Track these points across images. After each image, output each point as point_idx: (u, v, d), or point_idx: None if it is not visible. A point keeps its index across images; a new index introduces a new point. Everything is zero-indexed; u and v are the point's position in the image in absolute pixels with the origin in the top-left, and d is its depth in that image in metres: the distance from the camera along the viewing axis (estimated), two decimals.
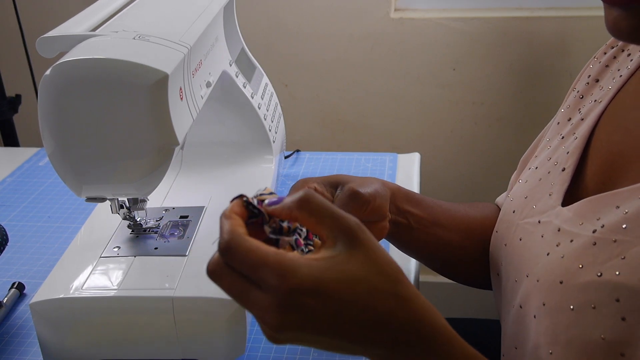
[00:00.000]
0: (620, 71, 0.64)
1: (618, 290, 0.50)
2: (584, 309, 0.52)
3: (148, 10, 0.72)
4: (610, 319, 0.50)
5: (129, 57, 0.57)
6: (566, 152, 0.64)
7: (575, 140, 0.64)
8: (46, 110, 0.58)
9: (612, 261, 0.51)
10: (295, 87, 1.67)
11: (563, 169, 0.63)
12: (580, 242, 0.55)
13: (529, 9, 1.55)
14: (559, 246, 0.58)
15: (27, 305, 0.78)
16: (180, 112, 0.62)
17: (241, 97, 0.89)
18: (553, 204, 0.61)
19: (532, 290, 0.59)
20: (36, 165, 1.13)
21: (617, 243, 0.52)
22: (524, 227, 0.64)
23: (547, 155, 0.67)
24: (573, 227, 0.57)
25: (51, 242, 0.92)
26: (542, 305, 0.56)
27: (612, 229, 0.53)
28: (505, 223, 0.68)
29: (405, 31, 1.57)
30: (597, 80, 0.68)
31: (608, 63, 0.67)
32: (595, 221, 0.55)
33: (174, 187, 0.88)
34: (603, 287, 0.51)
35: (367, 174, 1.07)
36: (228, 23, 0.88)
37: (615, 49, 0.67)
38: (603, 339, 0.50)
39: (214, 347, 0.68)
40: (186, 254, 0.72)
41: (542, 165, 0.67)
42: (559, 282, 0.55)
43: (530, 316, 0.58)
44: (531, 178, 0.68)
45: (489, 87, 1.61)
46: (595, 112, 0.63)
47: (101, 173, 0.62)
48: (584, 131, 0.63)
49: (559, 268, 0.56)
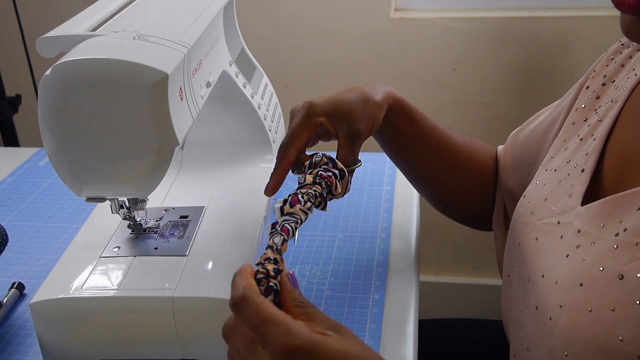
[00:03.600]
0: (635, 70, 0.64)
1: (638, 291, 0.50)
2: (602, 310, 0.52)
3: (148, 10, 0.72)
4: (629, 321, 0.50)
5: (129, 57, 0.57)
6: (585, 154, 0.64)
7: (594, 141, 0.64)
8: (46, 110, 0.58)
9: (633, 263, 0.51)
10: (295, 87, 1.67)
11: (582, 170, 0.63)
12: (602, 245, 0.55)
13: (529, 9, 1.55)
14: (579, 248, 0.57)
15: (27, 305, 0.78)
16: (180, 112, 0.62)
17: (241, 97, 0.89)
18: (573, 205, 0.61)
19: (549, 291, 0.58)
20: (36, 165, 1.13)
21: (639, 246, 0.52)
22: (541, 227, 0.64)
23: (566, 157, 0.67)
24: (594, 230, 0.57)
25: (51, 242, 0.92)
26: (559, 307, 0.56)
27: (634, 232, 0.53)
28: (521, 224, 0.68)
29: (405, 31, 1.57)
30: (612, 80, 0.68)
31: (623, 62, 0.68)
32: (618, 224, 0.55)
33: (174, 187, 0.88)
34: (624, 289, 0.51)
35: (367, 174, 1.07)
36: (228, 23, 0.88)
37: (630, 49, 0.68)
38: (621, 340, 0.50)
39: (214, 347, 0.68)
40: (186, 254, 0.72)
41: (561, 168, 0.67)
42: (579, 284, 0.55)
43: (545, 317, 0.58)
44: (550, 180, 0.67)
45: (489, 87, 1.61)
46: (612, 113, 0.63)
47: (101, 173, 0.62)
48: (602, 132, 0.63)
49: (579, 270, 0.56)
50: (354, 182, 1.08)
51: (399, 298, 0.79)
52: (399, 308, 0.77)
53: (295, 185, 0.67)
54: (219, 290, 0.67)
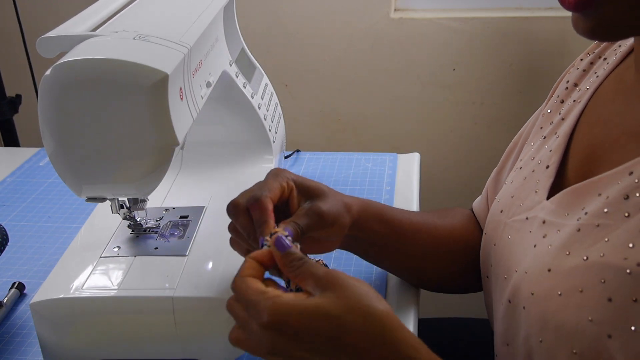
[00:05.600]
0: (597, 72, 0.67)
1: (603, 271, 0.51)
2: (571, 293, 0.53)
3: (148, 10, 0.72)
4: (596, 301, 0.51)
5: (129, 57, 0.57)
6: (549, 150, 0.66)
7: (557, 138, 0.66)
8: (46, 110, 0.58)
9: (596, 244, 0.53)
10: (295, 87, 1.67)
11: (547, 167, 0.65)
12: (566, 230, 0.57)
13: (529, 9, 1.55)
14: (546, 237, 0.59)
15: (27, 305, 0.78)
16: (180, 112, 0.62)
17: (241, 97, 0.90)
18: (539, 200, 0.63)
19: (520, 282, 0.60)
20: (36, 165, 1.13)
21: (600, 227, 0.54)
22: (512, 225, 0.66)
23: (531, 155, 0.70)
24: (558, 218, 0.59)
25: (51, 242, 0.92)
26: (530, 295, 0.58)
27: (594, 214, 0.55)
28: (493, 224, 0.70)
29: (405, 31, 1.57)
30: (575, 84, 0.70)
31: (585, 68, 0.70)
32: (580, 210, 0.57)
33: (174, 187, 0.88)
34: (589, 270, 0.53)
35: (367, 174, 1.07)
36: (228, 23, 0.88)
37: (592, 56, 0.70)
38: (590, 320, 0.51)
39: (214, 347, 0.68)
40: (186, 254, 0.72)
41: (526, 165, 0.69)
42: (547, 270, 0.56)
43: (519, 308, 0.60)
44: (516, 178, 0.70)
45: (488, 87, 1.61)
46: (575, 111, 0.66)
47: (101, 173, 0.62)
48: (565, 129, 0.65)
49: (547, 257, 0.57)
50: (354, 182, 1.09)
51: (399, 297, 0.79)
52: (399, 307, 0.77)
53: None
54: (219, 290, 0.67)
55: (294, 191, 0.66)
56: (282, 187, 0.64)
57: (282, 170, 0.67)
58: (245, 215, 0.62)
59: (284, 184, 0.65)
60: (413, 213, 0.79)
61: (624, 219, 0.52)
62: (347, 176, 1.07)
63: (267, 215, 0.60)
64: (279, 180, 0.65)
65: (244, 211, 0.62)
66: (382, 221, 0.73)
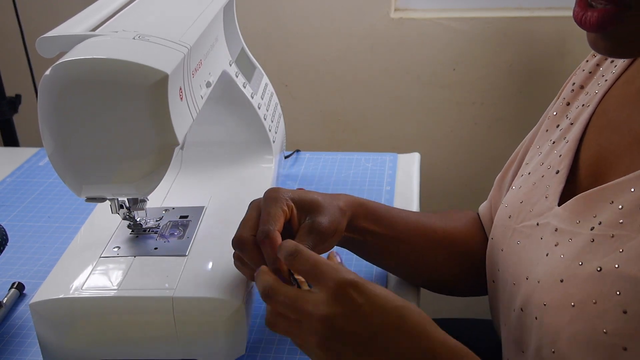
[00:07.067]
0: (605, 76, 0.66)
1: (618, 282, 0.51)
2: (585, 304, 0.53)
3: (148, 10, 0.72)
4: (611, 313, 0.51)
5: (128, 57, 0.57)
6: (559, 156, 0.65)
7: (566, 143, 0.65)
8: (46, 110, 0.58)
9: (611, 255, 0.52)
10: (295, 87, 1.67)
11: (557, 172, 0.64)
12: (579, 240, 0.56)
13: (529, 9, 1.55)
14: (558, 246, 0.58)
15: (27, 305, 0.78)
16: (180, 112, 0.62)
17: (241, 97, 0.89)
18: (550, 206, 0.62)
19: (532, 292, 0.59)
20: (36, 165, 1.13)
21: (615, 238, 0.53)
22: (521, 230, 0.65)
23: (539, 160, 0.69)
24: (570, 226, 0.58)
25: (51, 242, 0.92)
26: (543, 306, 0.57)
27: (609, 224, 0.54)
28: (501, 228, 0.69)
29: (405, 31, 1.57)
30: (582, 87, 0.70)
31: (592, 70, 0.70)
32: (592, 219, 0.56)
33: (174, 187, 0.88)
34: (603, 281, 0.52)
35: (367, 174, 1.07)
36: (228, 23, 0.88)
37: (598, 58, 0.70)
38: (605, 332, 0.51)
39: (214, 347, 0.68)
40: (186, 254, 0.72)
41: (535, 171, 0.68)
42: (560, 280, 0.56)
43: (531, 318, 0.59)
44: (525, 183, 0.69)
45: (488, 87, 1.61)
46: (584, 116, 0.65)
47: (101, 173, 0.62)
48: (575, 134, 0.65)
49: (559, 267, 0.56)
50: (354, 182, 1.09)
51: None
52: None
53: None
54: (219, 290, 0.67)
55: (294, 210, 0.67)
56: (284, 213, 0.65)
57: (279, 191, 0.67)
58: (255, 251, 0.63)
59: (285, 209, 0.65)
60: (411, 213, 0.79)
61: (639, 230, 0.51)
62: (347, 176, 1.07)
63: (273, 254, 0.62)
64: (280, 205, 0.65)
65: (253, 246, 0.63)
66: (374, 220, 0.73)
